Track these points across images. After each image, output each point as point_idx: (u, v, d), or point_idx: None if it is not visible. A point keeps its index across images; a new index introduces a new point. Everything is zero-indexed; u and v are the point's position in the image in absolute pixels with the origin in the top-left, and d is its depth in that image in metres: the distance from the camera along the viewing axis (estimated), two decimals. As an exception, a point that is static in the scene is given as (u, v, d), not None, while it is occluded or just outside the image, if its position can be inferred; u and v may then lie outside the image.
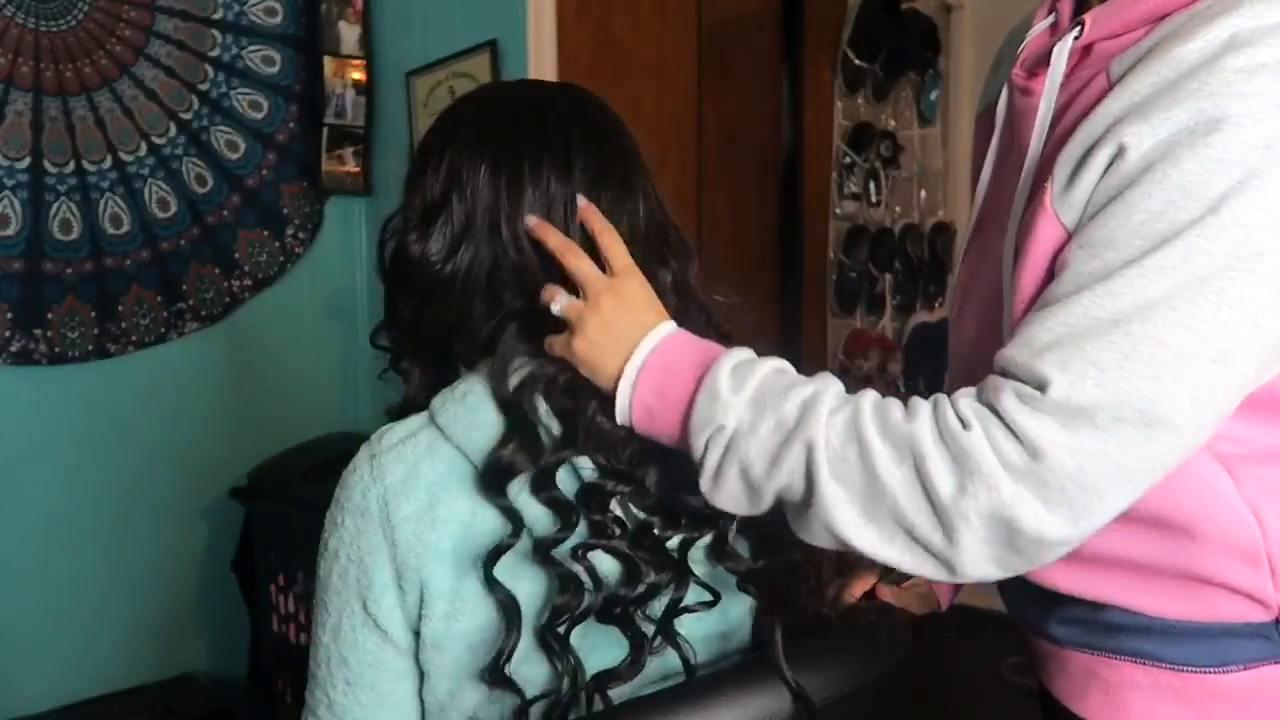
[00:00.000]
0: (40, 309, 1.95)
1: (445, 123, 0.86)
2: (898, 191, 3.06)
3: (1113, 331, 0.61)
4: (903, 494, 0.63)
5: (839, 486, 0.65)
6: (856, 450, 0.65)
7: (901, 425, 0.65)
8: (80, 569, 2.01)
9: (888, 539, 0.65)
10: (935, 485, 0.62)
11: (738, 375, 0.70)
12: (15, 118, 1.92)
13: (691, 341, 0.75)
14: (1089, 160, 0.67)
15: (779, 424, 0.67)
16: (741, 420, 0.69)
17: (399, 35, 2.22)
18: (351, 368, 2.38)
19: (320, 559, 0.80)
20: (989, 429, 0.62)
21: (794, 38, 2.72)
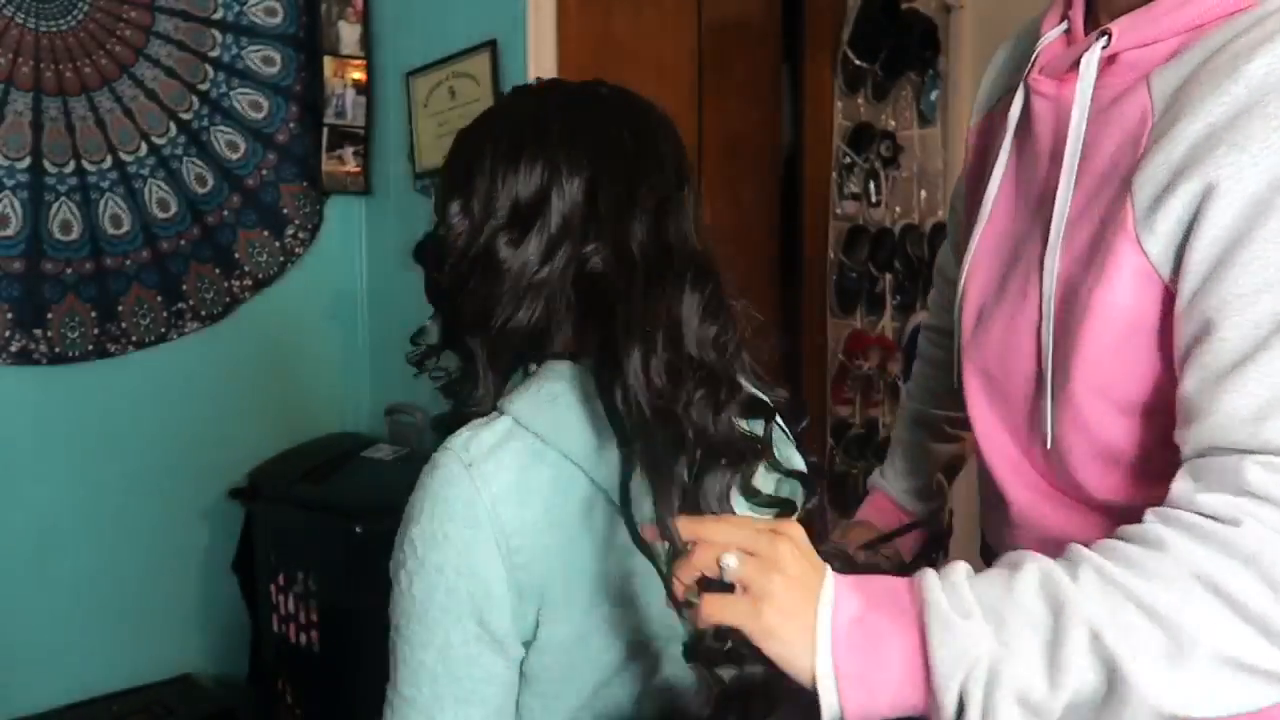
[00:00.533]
0: (40, 309, 1.95)
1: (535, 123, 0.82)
2: (898, 191, 3.06)
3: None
4: (1216, 628, 0.57)
5: (1146, 660, 0.56)
6: (1135, 610, 0.57)
7: (1160, 559, 0.59)
8: (80, 569, 2.01)
9: (1221, 689, 0.57)
10: (1245, 600, 0.57)
11: (957, 597, 0.59)
12: (15, 118, 1.92)
13: (857, 587, 0.62)
14: (1175, 188, 0.66)
15: (1032, 625, 0.57)
16: (991, 645, 0.57)
17: (399, 35, 2.21)
18: (351, 368, 2.38)
19: (414, 577, 0.76)
20: (1259, 514, 0.58)
21: (794, 38, 2.72)
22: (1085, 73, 0.76)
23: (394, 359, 2.34)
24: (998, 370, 0.83)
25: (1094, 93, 0.76)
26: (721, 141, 2.40)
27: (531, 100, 0.88)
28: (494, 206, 0.81)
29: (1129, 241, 0.69)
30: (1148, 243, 0.68)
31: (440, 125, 2.10)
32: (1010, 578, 0.60)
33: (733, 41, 2.45)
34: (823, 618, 0.59)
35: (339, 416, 2.36)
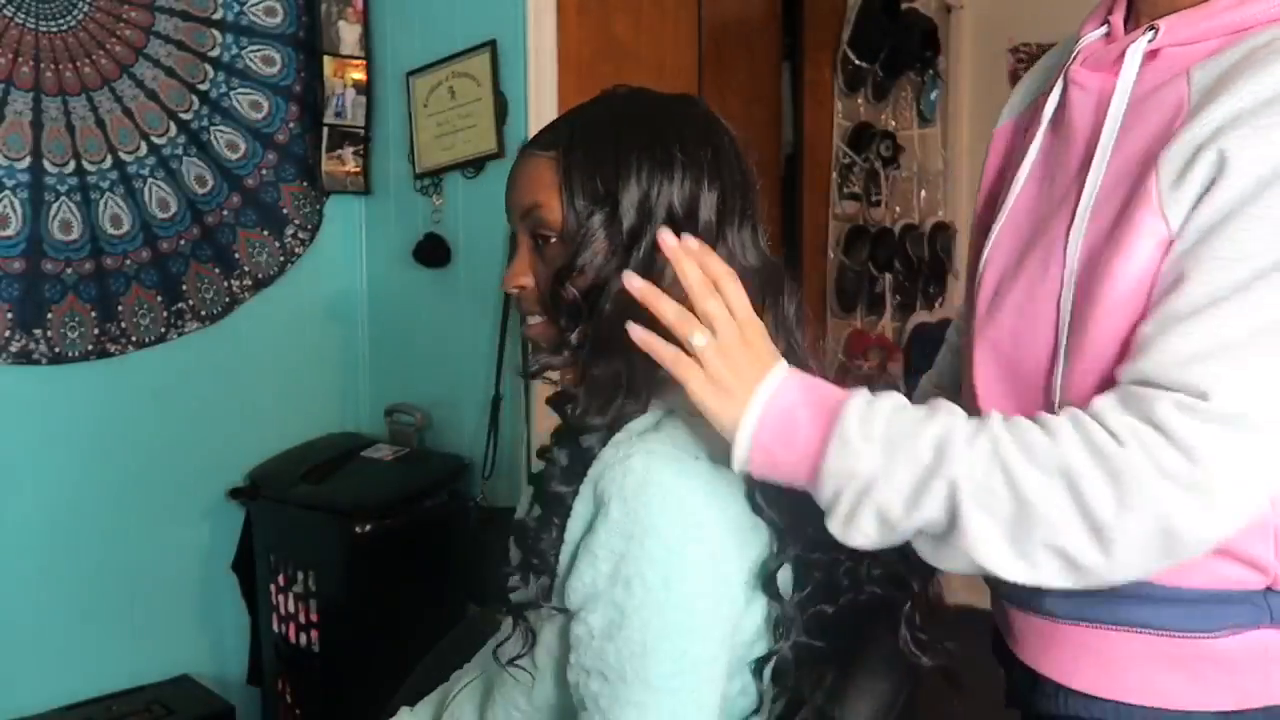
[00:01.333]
0: (40, 309, 1.95)
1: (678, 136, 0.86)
2: (898, 191, 3.06)
3: (1258, 341, 0.66)
4: (1059, 517, 0.66)
5: (985, 518, 0.68)
6: (1002, 480, 0.67)
7: (1048, 449, 0.67)
8: (80, 569, 2.01)
9: (1032, 565, 0.68)
10: (1093, 505, 0.65)
11: (865, 420, 0.72)
12: (15, 118, 1.92)
13: (805, 386, 0.76)
14: (1197, 161, 0.70)
15: (914, 464, 0.69)
16: (875, 466, 0.70)
17: (399, 35, 2.21)
18: (351, 368, 2.38)
19: (667, 587, 0.76)
20: (1146, 442, 0.65)
21: (794, 38, 2.72)
22: (1130, 61, 0.80)
23: (394, 359, 2.36)
24: (1009, 346, 0.85)
25: (1135, 85, 0.80)
26: (721, 141, 2.40)
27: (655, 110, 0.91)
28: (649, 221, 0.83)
29: (1152, 213, 0.72)
30: (1170, 211, 0.72)
31: (440, 125, 2.10)
32: (922, 421, 0.71)
33: (733, 41, 2.46)
34: (759, 397, 0.73)
35: (339, 416, 2.36)
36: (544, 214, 0.86)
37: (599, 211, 0.84)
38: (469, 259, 2.10)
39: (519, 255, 0.89)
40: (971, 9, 3.32)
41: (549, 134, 0.90)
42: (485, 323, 2.02)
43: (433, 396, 2.20)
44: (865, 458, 0.70)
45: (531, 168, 0.88)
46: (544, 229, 0.86)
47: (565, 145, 0.86)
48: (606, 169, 0.84)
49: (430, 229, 2.15)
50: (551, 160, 0.86)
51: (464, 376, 2.10)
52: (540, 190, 0.86)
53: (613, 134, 0.86)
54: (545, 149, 0.88)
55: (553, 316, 0.87)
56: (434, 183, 2.16)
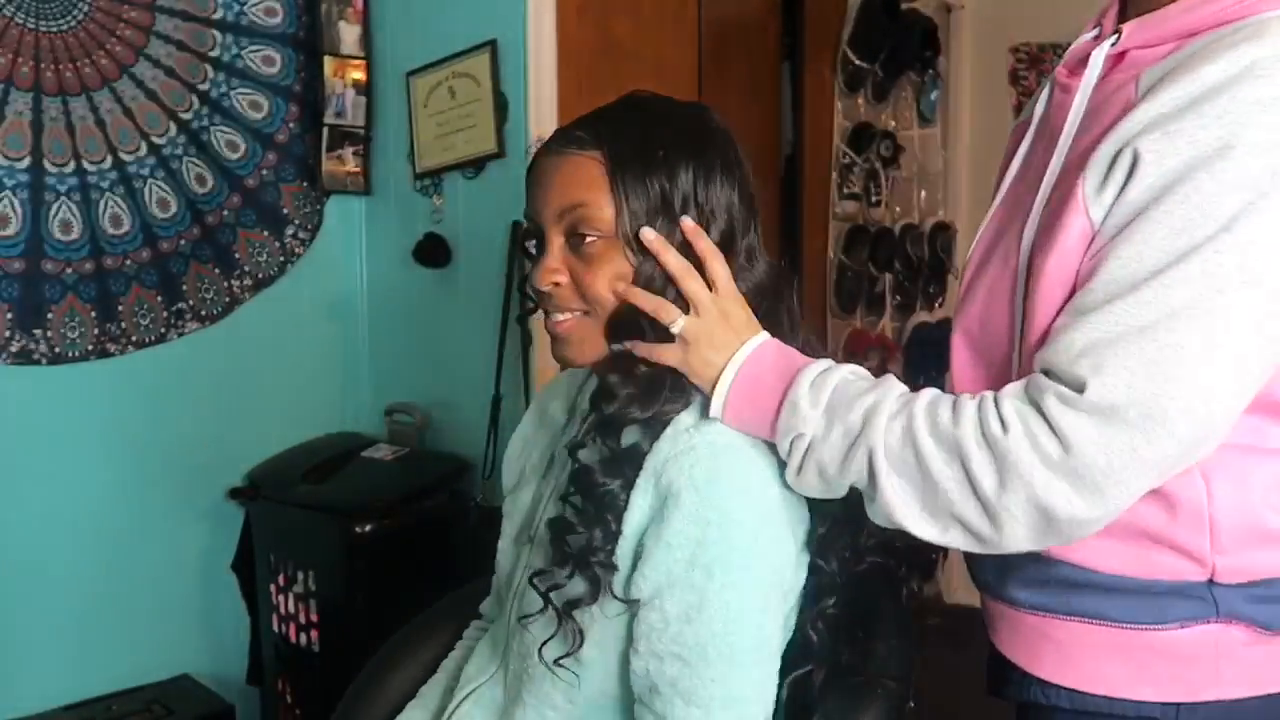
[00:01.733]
0: (40, 309, 1.95)
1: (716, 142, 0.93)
2: (898, 191, 3.06)
3: (1141, 338, 0.69)
4: (954, 491, 0.73)
5: (899, 484, 0.76)
6: (912, 453, 0.75)
7: (949, 429, 0.74)
8: (80, 569, 2.01)
9: (943, 529, 0.76)
10: (980, 484, 0.72)
11: (815, 388, 0.81)
12: (15, 118, 1.92)
13: (778, 354, 0.86)
14: (1116, 162, 0.74)
15: (846, 431, 0.78)
16: (817, 429, 0.80)
17: (399, 35, 2.21)
18: (352, 368, 2.38)
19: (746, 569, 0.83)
20: (1030, 427, 0.71)
21: (794, 38, 2.72)
22: (1093, 64, 0.83)
23: (394, 359, 2.36)
24: (979, 331, 0.89)
25: (1100, 85, 0.83)
26: (721, 141, 2.40)
27: (686, 116, 0.95)
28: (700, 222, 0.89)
29: (1078, 212, 0.76)
30: (1093, 209, 0.76)
31: (440, 125, 2.10)
32: (862, 392, 0.79)
33: (733, 41, 2.46)
34: (729, 371, 0.84)
35: (339, 416, 2.36)
36: (589, 212, 0.87)
37: (660, 214, 0.88)
38: (469, 259, 2.10)
39: (551, 252, 0.90)
40: (971, 9, 3.32)
41: (584, 134, 0.90)
42: (485, 323, 2.01)
43: (433, 396, 2.20)
44: (810, 421, 0.80)
45: (573, 166, 0.89)
46: (588, 228, 0.88)
47: (609, 146, 0.88)
48: (658, 171, 0.88)
49: (430, 229, 2.15)
50: (595, 160, 0.88)
51: (464, 376, 2.10)
52: (585, 190, 0.88)
53: (656, 137, 0.89)
54: (584, 149, 0.89)
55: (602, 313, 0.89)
56: (434, 183, 2.16)
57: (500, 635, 1.01)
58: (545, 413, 1.09)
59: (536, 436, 1.08)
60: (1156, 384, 0.68)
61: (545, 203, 0.90)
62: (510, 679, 0.97)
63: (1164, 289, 0.69)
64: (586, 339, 0.90)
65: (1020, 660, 0.88)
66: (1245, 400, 0.71)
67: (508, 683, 0.98)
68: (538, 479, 1.02)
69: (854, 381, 0.82)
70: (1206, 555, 0.78)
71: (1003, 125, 3.29)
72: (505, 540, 1.04)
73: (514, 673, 0.96)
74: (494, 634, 1.03)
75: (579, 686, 0.89)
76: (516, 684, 0.95)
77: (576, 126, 0.93)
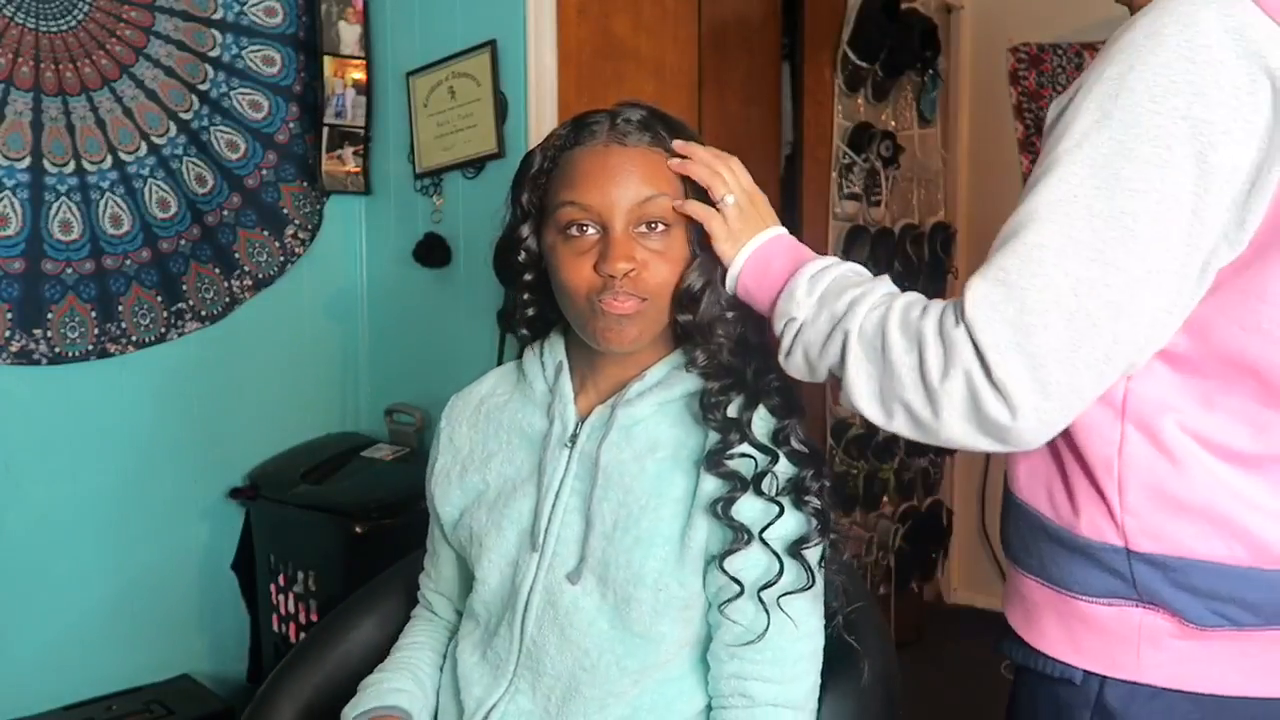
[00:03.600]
0: (40, 309, 1.95)
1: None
2: (898, 191, 3.06)
3: (1012, 241, 0.76)
4: (906, 376, 0.79)
5: (864, 368, 0.82)
6: (880, 341, 0.81)
7: (915, 321, 0.80)
8: (80, 569, 2.01)
9: (889, 414, 0.81)
10: (929, 368, 0.78)
11: (814, 279, 0.89)
12: (15, 118, 1.92)
13: (791, 245, 0.95)
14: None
15: (831, 316, 0.86)
16: (807, 314, 0.88)
17: (399, 35, 2.21)
18: (351, 368, 2.38)
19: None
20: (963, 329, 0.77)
21: (794, 38, 2.72)
22: None
23: (394, 359, 2.36)
24: None
25: None
26: (721, 141, 2.39)
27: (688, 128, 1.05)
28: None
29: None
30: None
31: (440, 125, 2.10)
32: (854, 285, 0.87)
33: (733, 41, 2.45)
34: (754, 242, 0.95)
35: (339, 416, 2.36)
36: (668, 204, 0.96)
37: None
38: (469, 259, 2.10)
39: (622, 239, 0.94)
40: (971, 9, 3.32)
41: (640, 128, 0.98)
42: (485, 323, 2.00)
43: (433, 396, 2.20)
44: (804, 306, 0.88)
45: (651, 159, 0.96)
46: (664, 217, 0.96)
47: (668, 141, 0.98)
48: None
49: (430, 229, 2.15)
50: (661, 154, 0.97)
51: (464, 376, 2.09)
52: (665, 182, 0.96)
53: (686, 135, 1.00)
54: (646, 143, 0.97)
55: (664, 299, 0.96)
56: (434, 183, 2.16)
57: (505, 646, 1.01)
58: (500, 428, 1.07)
59: (503, 451, 1.06)
60: (1025, 280, 0.74)
61: (619, 190, 0.94)
62: (547, 683, 0.98)
63: (1032, 197, 0.76)
64: (641, 324, 0.96)
65: (1007, 614, 0.94)
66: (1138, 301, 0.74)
67: (541, 688, 0.98)
68: (534, 488, 1.01)
69: (850, 276, 0.90)
70: (1116, 511, 0.80)
71: (1003, 125, 3.30)
72: (494, 555, 1.02)
73: (554, 675, 0.97)
74: (496, 647, 1.02)
75: (651, 664, 0.96)
76: (564, 684, 0.97)
77: (619, 119, 0.97)
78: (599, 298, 0.94)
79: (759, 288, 0.93)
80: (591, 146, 0.96)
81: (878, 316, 0.82)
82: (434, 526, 1.15)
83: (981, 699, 2.59)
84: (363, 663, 1.19)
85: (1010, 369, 0.74)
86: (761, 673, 0.94)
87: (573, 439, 1.01)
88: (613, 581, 0.94)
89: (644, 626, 0.94)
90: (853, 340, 0.82)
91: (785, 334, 0.90)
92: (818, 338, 0.86)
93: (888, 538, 2.91)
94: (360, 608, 1.28)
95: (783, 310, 0.90)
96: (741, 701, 0.94)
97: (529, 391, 1.07)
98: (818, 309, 0.87)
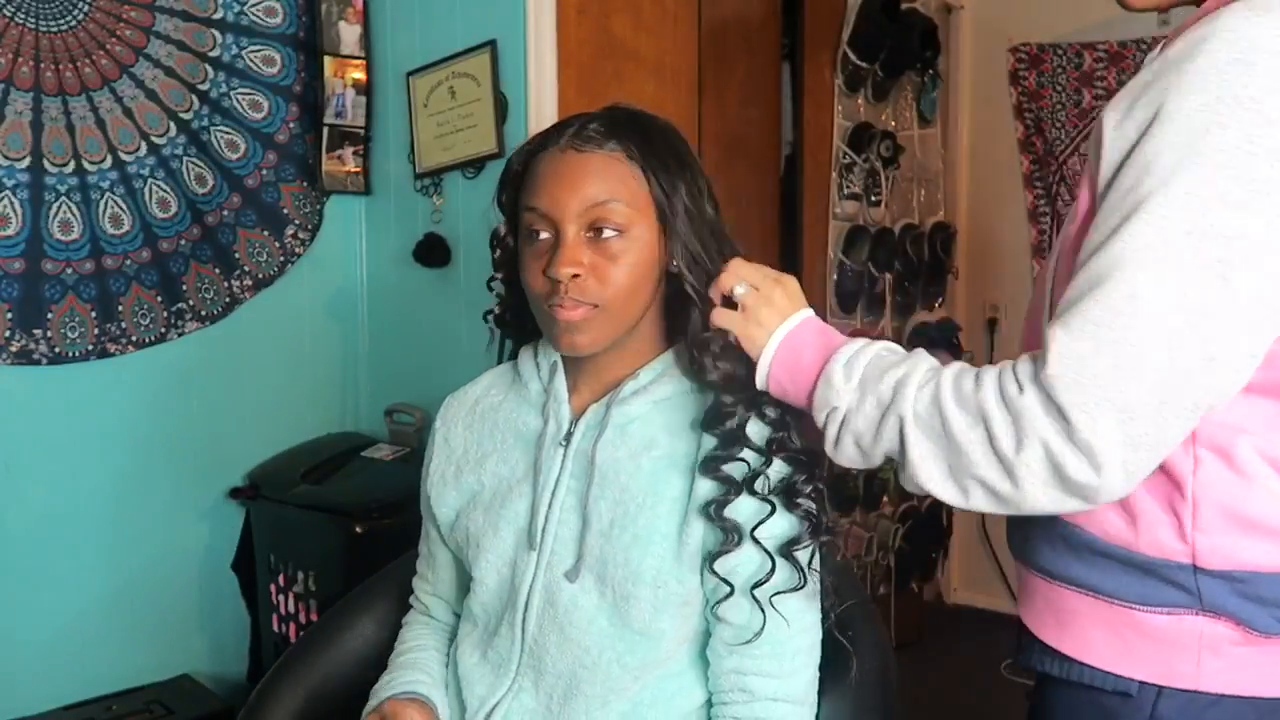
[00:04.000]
0: (40, 309, 1.95)
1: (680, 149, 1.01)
2: (898, 191, 3.06)
3: (1098, 290, 0.73)
4: (976, 452, 0.77)
5: (926, 449, 0.80)
6: (939, 419, 0.79)
7: (972, 394, 0.78)
8: (80, 569, 2.01)
9: (965, 491, 0.79)
10: (1000, 443, 0.75)
11: (849, 364, 0.86)
12: (15, 118, 1.92)
13: (818, 331, 0.91)
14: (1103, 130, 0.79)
15: (878, 401, 0.83)
16: (850, 402, 0.85)
17: (399, 35, 2.21)
18: (351, 367, 2.38)
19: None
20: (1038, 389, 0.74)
21: (794, 38, 2.72)
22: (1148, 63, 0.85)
23: (394, 359, 2.35)
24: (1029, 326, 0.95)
25: None
26: (721, 141, 2.40)
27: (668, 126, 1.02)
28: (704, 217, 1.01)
29: (1082, 187, 0.81)
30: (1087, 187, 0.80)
31: (440, 125, 2.10)
32: (893, 365, 0.84)
33: (733, 41, 2.45)
34: (778, 335, 0.91)
35: (339, 416, 2.36)
36: (620, 209, 0.94)
37: (682, 215, 0.96)
38: (469, 259, 2.10)
39: (570, 244, 0.94)
40: (971, 9, 3.32)
41: (601, 133, 0.96)
42: (485, 323, 2.01)
43: (433, 396, 2.19)
44: (844, 394, 0.85)
45: (600, 163, 0.95)
46: (614, 221, 0.94)
47: (632, 148, 0.95)
48: (676, 176, 0.96)
49: (430, 229, 2.15)
50: (620, 159, 0.95)
51: (464, 376, 2.09)
52: (617, 187, 0.94)
53: (665, 145, 0.98)
54: (605, 148, 0.95)
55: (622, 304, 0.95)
56: (434, 183, 2.16)
57: (507, 646, 1.01)
58: (495, 428, 1.08)
59: (498, 451, 1.06)
60: (1118, 333, 0.71)
61: (570, 196, 0.94)
62: (549, 681, 0.98)
63: (1117, 243, 0.73)
64: (594, 331, 0.95)
65: (1031, 624, 0.91)
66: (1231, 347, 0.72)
67: (544, 686, 0.99)
68: (530, 488, 1.02)
69: (886, 356, 0.86)
70: (1188, 530, 0.79)
71: (1003, 125, 3.30)
72: (492, 555, 1.02)
73: (555, 673, 0.98)
74: (497, 646, 1.03)
75: (651, 660, 0.96)
76: (565, 682, 0.97)
77: (586, 126, 0.96)
78: (549, 303, 0.95)
79: (793, 381, 0.90)
80: (551, 152, 0.97)
81: (929, 395, 0.80)
82: (429, 529, 1.15)
83: (981, 699, 2.59)
84: (359, 662, 1.19)
85: (1098, 426, 0.71)
86: (761, 667, 0.94)
87: (567, 438, 1.01)
88: (611, 579, 0.95)
89: (643, 623, 0.95)
90: (909, 424, 0.80)
91: (829, 424, 0.86)
92: (867, 425, 0.83)
93: (888, 538, 2.91)
94: (356, 607, 1.28)
95: (823, 401, 0.86)
96: (741, 696, 0.95)
97: (524, 391, 1.07)
98: (860, 395, 0.84)
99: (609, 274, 0.94)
